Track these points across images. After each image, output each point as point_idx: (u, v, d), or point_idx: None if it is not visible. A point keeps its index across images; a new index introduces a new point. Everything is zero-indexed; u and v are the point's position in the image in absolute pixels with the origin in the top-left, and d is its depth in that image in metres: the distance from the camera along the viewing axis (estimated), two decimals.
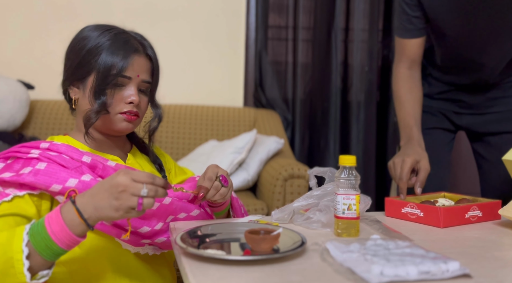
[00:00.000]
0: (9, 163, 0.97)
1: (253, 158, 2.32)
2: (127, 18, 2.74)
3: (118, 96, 1.03)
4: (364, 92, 2.93)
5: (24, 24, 2.66)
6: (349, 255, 0.77)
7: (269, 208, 2.10)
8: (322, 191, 1.07)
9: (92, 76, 1.02)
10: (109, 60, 1.01)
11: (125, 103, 1.04)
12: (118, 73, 1.01)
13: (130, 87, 1.04)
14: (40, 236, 0.79)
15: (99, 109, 1.01)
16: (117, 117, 1.04)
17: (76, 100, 1.06)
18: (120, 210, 0.79)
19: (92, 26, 1.07)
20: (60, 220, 0.80)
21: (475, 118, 1.62)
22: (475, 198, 1.22)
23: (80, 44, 1.04)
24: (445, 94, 1.64)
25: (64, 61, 1.08)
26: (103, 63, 1.01)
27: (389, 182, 2.98)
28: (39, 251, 0.79)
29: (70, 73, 1.05)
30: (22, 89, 2.36)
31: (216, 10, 2.87)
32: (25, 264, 0.77)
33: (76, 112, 1.09)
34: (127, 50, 1.03)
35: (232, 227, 0.98)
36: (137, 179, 0.79)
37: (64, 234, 0.79)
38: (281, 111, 2.90)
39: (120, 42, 1.03)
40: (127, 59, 1.02)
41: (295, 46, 2.92)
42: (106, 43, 1.02)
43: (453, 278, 0.71)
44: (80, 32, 1.07)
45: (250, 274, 0.74)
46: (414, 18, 1.48)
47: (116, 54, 1.02)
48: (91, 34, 1.04)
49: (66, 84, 1.07)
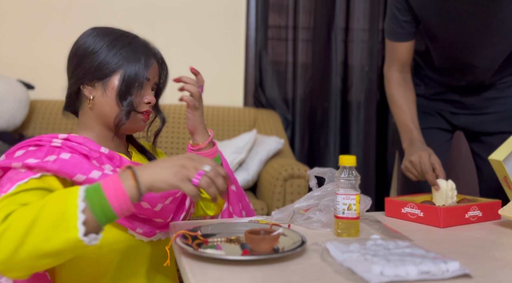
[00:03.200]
0: (32, 150, 0.95)
1: (253, 158, 2.32)
2: (127, 18, 2.74)
3: (139, 97, 1.07)
4: (364, 92, 2.93)
5: (24, 24, 2.66)
6: (349, 255, 0.77)
7: (269, 208, 2.10)
8: (323, 192, 1.07)
9: (115, 76, 1.04)
10: (135, 63, 1.04)
11: (143, 103, 1.08)
12: (144, 75, 1.05)
13: (147, 88, 1.09)
14: (96, 195, 0.76)
15: (128, 109, 1.04)
16: (138, 117, 1.07)
17: (92, 98, 1.06)
18: (178, 175, 0.79)
19: (103, 29, 1.08)
20: (118, 181, 0.77)
21: (471, 118, 1.63)
22: (475, 198, 1.22)
23: (96, 46, 1.04)
24: (441, 95, 1.65)
25: (73, 60, 1.07)
26: (130, 64, 1.04)
27: (389, 182, 2.98)
28: (93, 210, 0.75)
29: (87, 72, 1.04)
30: (22, 89, 2.36)
31: (216, 10, 2.87)
32: (79, 218, 0.73)
33: (88, 110, 1.08)
34: (149, 53, 1.08)
35: (232, 227, 0.98)
36: (206, 160, 0.83)
37: (119, 195, 0.76)
38: (281, 111, 2.90)
39: (141, 45, 1.08)
40: (149, 62, 1.07)
41: (295, 46, 2.92)
42: (128, 46, 1.05)
43: (453, 278, 0.71)
44: (90, 34, 1.07)
45: (250, 274, 0.74)
46: (405, 23, 1.49)
47: (140, 56, 1.05)
48: (106, 37, 1.05)
49: (80, 83, 1.06)
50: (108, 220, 0.77)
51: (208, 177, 0.81)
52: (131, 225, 0.99)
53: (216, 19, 2.87)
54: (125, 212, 0.78)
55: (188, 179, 0.80)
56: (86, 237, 0.74)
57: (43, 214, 0.74)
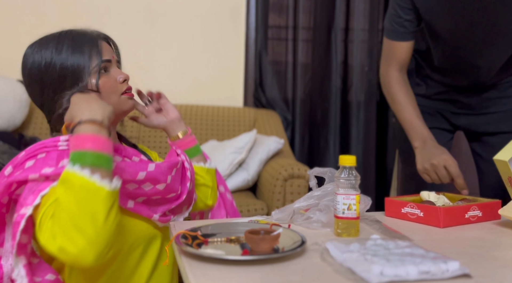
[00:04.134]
0: (42, 158, 0.94)
1: (253, 158, 2.32)
2: (127, 18, 2.74)
3: (111, 79, 1.06)
4: (364, 92, 2.93)
5: (24, 24, 2.66)
6: (349, 255, 0.77)
7: (269, 208, 2.10)
8: (323, 192, 1.07)
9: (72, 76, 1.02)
10: (82, 54, 1.02)
11: (120, 83, 1.07)
12: (100, 60, 1.03)
13: (114, 68, 1.08)
14: (79, 156, 0.84)
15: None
16: (122, 98, 1.08)
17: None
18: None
19: (39, 39, 1.08)
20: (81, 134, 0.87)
21: (472, 118, 1.63)
22: (475, 198, 1.22)
23: (46, 59, 1.02)
24: (442, 95, 1.65)
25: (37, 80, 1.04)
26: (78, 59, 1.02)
27: (389, 182, 2.98)
28: (97, 164, 0.84)
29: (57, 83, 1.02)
30: (22, 89, 2.36)
31: (216, 10, 2.87)
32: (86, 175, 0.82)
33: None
34: (93, 40, 1.05)
35: (232, 227, 0.98)
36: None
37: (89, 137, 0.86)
38: (281, 111, 2.90)
39: (82, 37, 1.05)
40: (97, 46, 1.05)
41: (295, 46, 2.92)
42: (72, 42, 1.04)
43: (453, 278, 0.71)
44: (32, 46, 1.06)
45: (250, 274, 0.74)
46: (407, 22, 1.47)
47: (85, 44, 1.04)
48: (49, 45, 1.04)
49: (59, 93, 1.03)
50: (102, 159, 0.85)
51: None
52: (149, 211, 1.03)
53: (216, 19, 2.87)
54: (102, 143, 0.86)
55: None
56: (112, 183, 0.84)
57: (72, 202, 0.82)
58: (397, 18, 1.48)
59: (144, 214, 1.03)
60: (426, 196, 1.23)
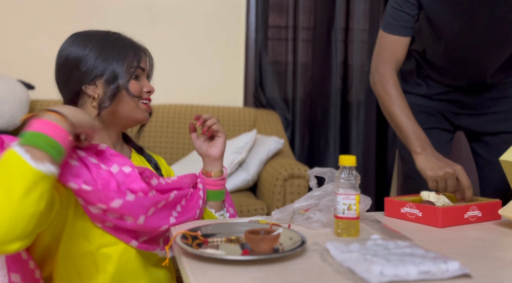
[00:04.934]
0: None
1: (253, 158, 2.32)
2: (127, 18, 2.74)
3: (139, 86, 1.11)
4: (364, 92, 2.93)
5: (24, 24, 2.66)
6: (349, 255, 0.77)
7: (269, 208, 2.10)
8: (323, 192, 1.07)
9: (109, 70, 1.06)
10: (125, 54, 1.08)
11: (144, 92, 1.12)
12: (137, 65, 1.10)
13: (144, 78, 1.14)
14: (24, 135, 0.82)
15: (114, 92, 1.05)
16: (141, 106, 1.11)
17: (97, 96, 1.07)
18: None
19: (85, 31, 1.11)
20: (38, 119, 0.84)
21: (473, 118, 1.63)
22: (475, 198, 1.22)
23: (88, 48, 1.06)
24: (443, 95, 1.65)
25: (66, 68, 1.07)
26: (121, 57, 1.07)
27: (389, 182, 2.98)
28: (25, 142, 0.80)
29: (84, 74, 1.05)
30: (22, 89, 2.36)
31: (216, 10, 2.87)
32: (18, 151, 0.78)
33: (89, 110, 1.08)
34: (136, 46, 1.12)
35: (232, 227, 0.98)
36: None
37: (42, 122, 0.83)
38: (281, 111, 2.90)
39: (128, 40, 1.13)
40: (139, 53, 1.11)
41: (295, 46, 2.92)
42: (118, 40, 1.10)
43: (453, 278, 0.71)
44: (76, 37, 1.08)
45: (250, 274, 0.74)
46: (408, 16, 1.45)
47: (129, 48, 1.10)
48: (94, 37, 1.08)
49: (80, 84, 1.06)
50: (50, 145, 0.81)
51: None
52: (126, 237, 0.98)
53: (216, 19, 2.87)
54: (57, 131, 0.83)
55: None
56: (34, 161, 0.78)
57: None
58: (399, 11, 1.46)
59: (121, 238, 0.98)
60: (426, 196, 1.23)
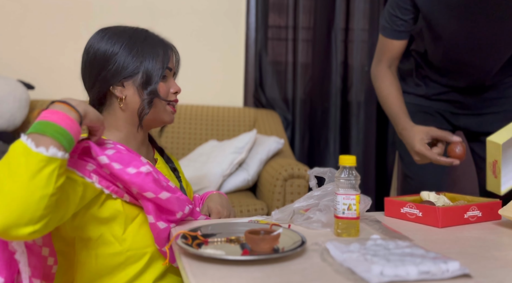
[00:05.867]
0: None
1: (253, 158, 2.32)
2: (127, 18, 2.74)
3: (167, 87, 1.10)
4: (364, 92, 2.93)
5: (24, 24, 2.66)
6: (349, 255, 0.77)
7: (269, 208, 2.10)
8: (323, 192, 1.07)
9: (141, 71, 1.05)
10: (156, 55, 1.07)
11: (172, 94, 1.11)
12: (165, 66, 1.08)
13: (171, 78, 1.13)
14: (34, 124, 0.82)
15: (150, 98, 1.05)
16: (167, 108, 1.10)
17: (124, 98, 1.06)
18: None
19: (114, 27, 1.09)
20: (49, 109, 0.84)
21: (472, 118, 1.63)
22: (475, 198, 1.22)
23: (118, 44, 1.04)
24: (442, 95, 1.65)
25: (95, 64, 1.05)
26: (151, 58, 1.06)
27: (389, 182, 2.98)
28: (34, 130, 0.80)
29: (113, 73, 1.04)
30: (22, 89, 2.36)
31: (216, 10, 2.87)
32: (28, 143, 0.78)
33: (119, 111, 1.08)
34: (166, 45, 1.11)
35: (232, 227, 0.98)
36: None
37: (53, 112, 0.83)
38: (281, 111, 2.90)
39: (157, 37, 1.11)
40: (168, 52, 1.10)
41: (295, 46, 2.92)
42: (145, 40, 1.07)
43: (453, 278, 0.71)
44: (105, 32, 1.07)
45: (250, 274, 0.74)
46: (402, 21, 1.49)
47: (159, 48, 1.08)
48: (124, 33, 1.07)
49: (108, 84, 1.05)
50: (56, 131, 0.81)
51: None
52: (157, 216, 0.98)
53: (216, 19, 2.87)
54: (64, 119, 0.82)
55: None
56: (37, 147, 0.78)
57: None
58: (394, 17, 1.50)
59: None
60: (426, 196, 1.23)
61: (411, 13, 1.47)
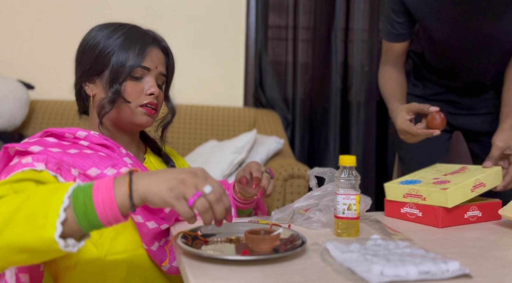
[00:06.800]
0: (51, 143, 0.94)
1: (253, 158, 2.32)
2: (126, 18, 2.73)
3: (138, 88, 1.03)
4: (364, 92, 2.93)
5: (24, 24, 2.66)
6: (349, 255, 0.77)
7: (269, 208, 2.10)
8: (323, 192, 1.07)
9: (109, 69, 1.01)
10: (127, 50, 1.01)
11: (145, 95, 1.03)
12: (137, 64, 1.01)
13: (149, 79, 1.04)
14: (83, 195, 0.68)
15: (113, 97, 1.00)
16: (138, 110, 1.03)
17: (93, 96, 1.04)
18: (174, 191, 0.69)
19: (104, 24, 1.07)
20: (111, 185, 0.69)
21: (470, 118, 1.64)
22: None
23: (95, 40, 1.03)
24: (440, 96, 1.66)
25: (76, 60, 1.06)
26: (121, 54, 1.01)
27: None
28: (75, 210, 0.67)
29: (85, 69, 1.03)
30: (22, 89, 2.36)
31: (216, 10, 2.87)
32: (60, 216, 0.65)
33: (92, 109, 1.06)
34: (144, 41, 1.03)
35: (232, 227, 0.98)
36: (210, 181, 0.72)
37: (107, 200, 0.68)
38: (281, 111, 2.90)
39: (137, 34, 1.04)
40: (145, 50, 1.02)
41: (295, 46, 2.92)
42: (123, 35, 1.03)
43: (453, 278, 0.71)
44: (92, 30, 1.06)
45: (250, 274, 0.74)
46: (398, 24, 1.51)
47: (134, 44, 1.02)
48: (105, 30, 1.04)
49: (81, 81, 1.04)
50: (91, 226, 0.69)
51: (206, 200, 0.70)
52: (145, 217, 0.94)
53: (216, 19, 2.87)
54: (111, 220, 0.69)
55: (184, 198, 0.69)
56: (62, 240, 0.66)
57: (26, 205, 0.67)
58: (390, 20, 1.52)
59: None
60: None
61: (404, 16, 1.49)
